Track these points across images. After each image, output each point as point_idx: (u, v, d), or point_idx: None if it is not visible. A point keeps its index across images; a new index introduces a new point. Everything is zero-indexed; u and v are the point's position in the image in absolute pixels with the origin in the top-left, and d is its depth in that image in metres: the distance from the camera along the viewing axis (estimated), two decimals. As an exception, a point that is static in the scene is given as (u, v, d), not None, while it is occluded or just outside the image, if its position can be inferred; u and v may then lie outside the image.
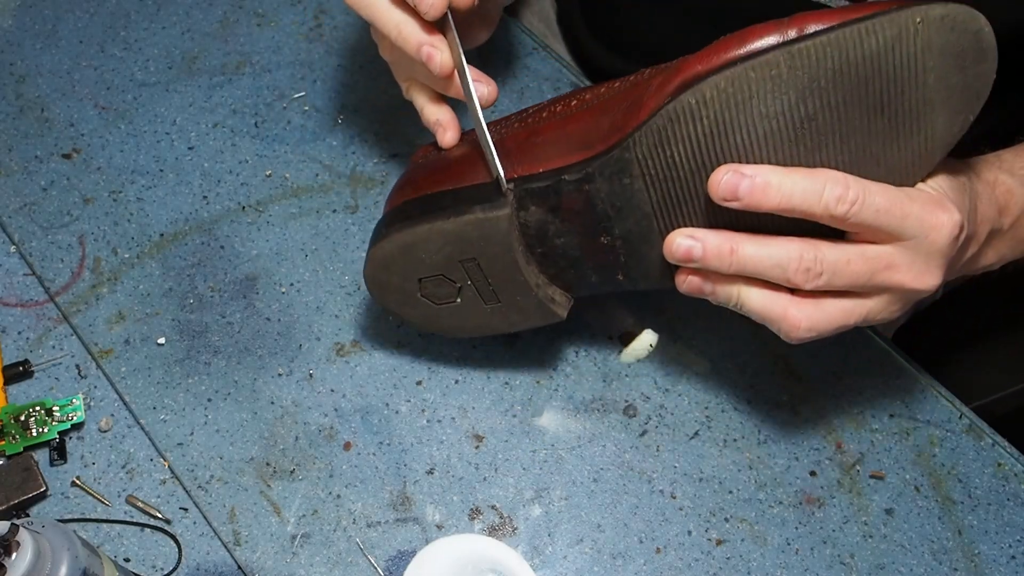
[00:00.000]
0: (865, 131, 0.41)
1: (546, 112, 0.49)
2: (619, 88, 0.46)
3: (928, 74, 0.39)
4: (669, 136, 0.42)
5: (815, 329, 0.43)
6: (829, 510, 0.53)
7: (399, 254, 0.49)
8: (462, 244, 0.48)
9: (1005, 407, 0.72)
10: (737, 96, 0.40)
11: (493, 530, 0.52)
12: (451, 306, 0.51)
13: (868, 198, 0.40)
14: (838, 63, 0.39)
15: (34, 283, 0.58)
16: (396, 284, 0.50)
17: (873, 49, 0.39)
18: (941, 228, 0.41)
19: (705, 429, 0.55)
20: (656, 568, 0.51)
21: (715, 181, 0.41)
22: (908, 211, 0.41)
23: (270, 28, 0.69)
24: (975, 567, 0.51)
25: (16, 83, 0.66)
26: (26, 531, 0.37)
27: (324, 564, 0.50)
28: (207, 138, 0.64)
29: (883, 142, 0.41)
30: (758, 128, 0.41)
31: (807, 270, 0.41)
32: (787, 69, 0.39)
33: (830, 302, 0.43)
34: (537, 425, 0.55)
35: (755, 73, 0.39)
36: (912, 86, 0.40)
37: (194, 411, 0.54)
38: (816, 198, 0.40)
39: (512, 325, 0.51)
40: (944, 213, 0.41)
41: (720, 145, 0.41)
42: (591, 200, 0.46)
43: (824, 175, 0.40)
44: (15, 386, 0.55)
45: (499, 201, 0.46)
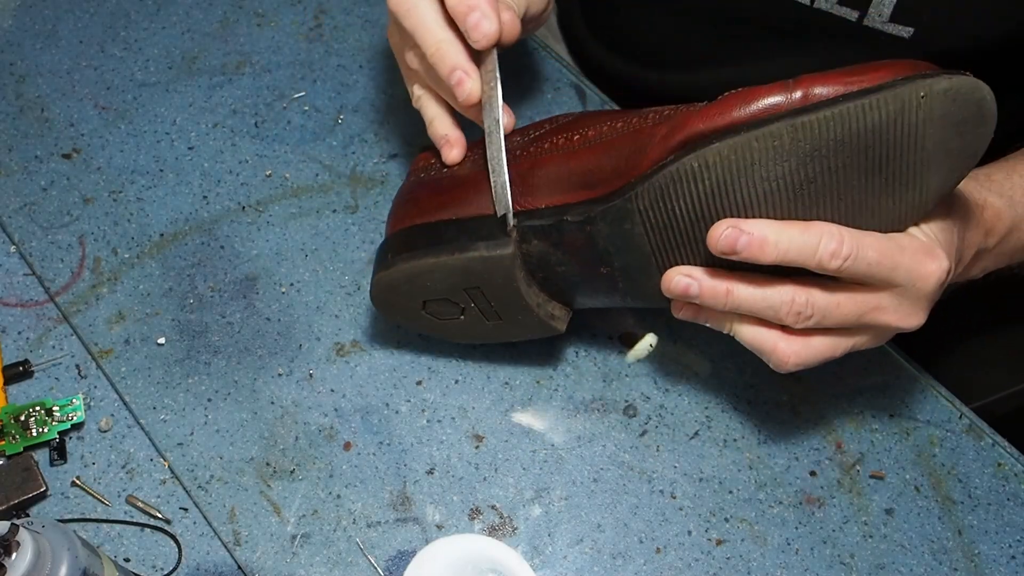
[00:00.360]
0: (862, 188, 0.42)
1: (548, 143, 0.49)
2: (622, 129, 0.47)
3: (927, 140, 0.40)
4: (671, 193, 0.43)
5: (803, 363, 0.45)
6: (829, 510, 0.53)
7: (404, 281, 0.50)
8: (466, 276, 0.49)
9: (1005, 407, 0.72)
10: (740, 163, 0.41)
11: (493, 530, 0.52)
12: (455, 322, 0.52)
13: (861, 252, 0.42)
14: (840, 135, 0.40)
15: (34, 283, 0.58)
16: (402, 304, 0.52)
17: (876, 122, 0.39)
18: (929, 277, 0.43)
19: (705, 429, 0.55)
20: (656, 568, 0.51)
21: (714, 236, 0.42)
22: (898, 262, 0.42)
23: (270, 28, 0.69)
24: (975, 567, 0.51)
25: (16, 83, 0.66)
26: (26, 531, 0.37)
27: (324, 564, 0.50)
28: (207, 138, 0.64)
29: (878, 197, 0.42)
30: (758, 189, 0.42)
31: (798, 313, 0.43)
32: (790, 140, 0.40)
33: (818, 339, 0.45)
34: (537, 425, 0.55)
35: (758, 143, 0.40)
36: (911, 151, 0.41)
37: (194, 411, 0.54)
38: (811, 253, 0.41)
39: (513, 337, 0.53)
40: (933, 262, 0.43)
41: (720, 203, 0.43)
42: (592, 239, 0.47)
43: (819, 230, 0.42)
44: (15, 386, 0.55)
45: (504, 240, 0.48)
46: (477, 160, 0.52)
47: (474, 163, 0.52)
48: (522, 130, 0.52)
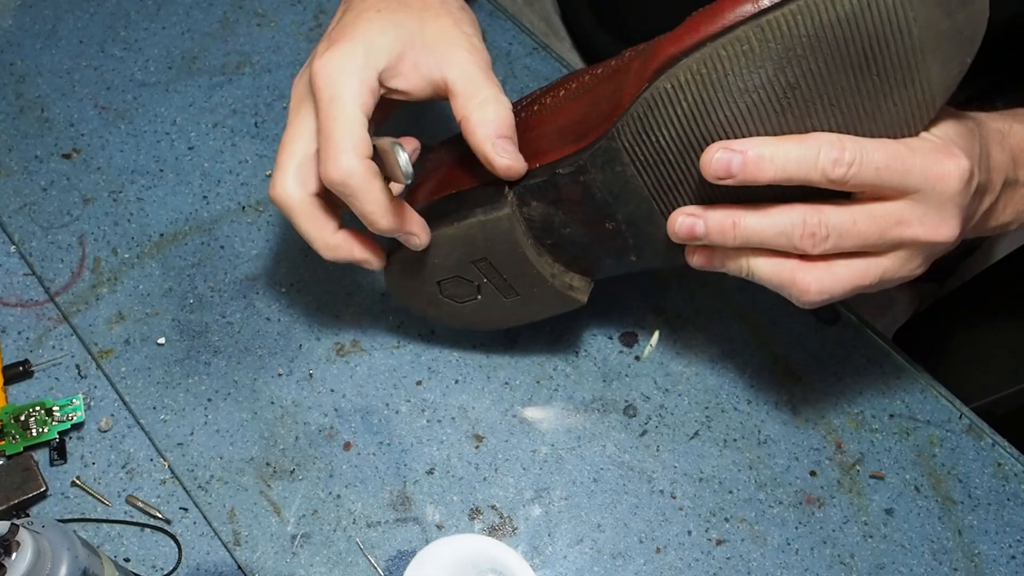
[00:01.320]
0: (854, 91, 0.39)
1: (537, 105, 0.49)
2: (603, 74, 0.46)
3: (912, 25, 0.37)
4: (651, 122, 0.42)
5: (826, 292, 0.42)
6: (829, 510, 0.53)
7: (413, 261, 0.49)
8: (469, 246, 0.48)
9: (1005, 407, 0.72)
10: (712, 76, 0.39)
11: (493, 530, 0.52)
12: (473, 303, 0.52)
13: (866, 157, 0.39)
14: (812, 29, 0.37)
15: (34, 283, 0.58)
16: (416, 288, 0.51)
17: (847, 9, 0.37)
18: (949, 176, 0.40)
19: (705, 429, 0.55)
20: (656, 568, 0.51)
21: (706, 160, 0.40)
22: (910, 164, 0.39)
23: (270, 28, 0.69)
24: (975, 567, 0.51)
25: (16, 83, 0.66)
26: (26, 531, 0.37)
27: (324, 564, 0.50)
28: (207, 138, 0.64)
29: (875, 98, 0.39)
30: (739, 104, 0.40)
31: (812, 235, 0.40)
32: (758, 43, 0.38)
33: (841, 264, 0.42)
34: (537, 425, 0.55)
35: (726, 51, 0.38)
36: (897, 40, 0.38)
37: (194, 411, 0.54)
38: (812, 164, 0.39)
39: (535, 315, 0.52)
40: (950, 160, 0.40)
41: (704, 125, 0.40)
42: (589, 190, 0.46)
43: (818, 140, 0.39)
44: (15, 386, 0.55)
45: (499, 202, 0.47)
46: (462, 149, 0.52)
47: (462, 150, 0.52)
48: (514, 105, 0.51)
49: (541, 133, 0.47)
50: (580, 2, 0.75)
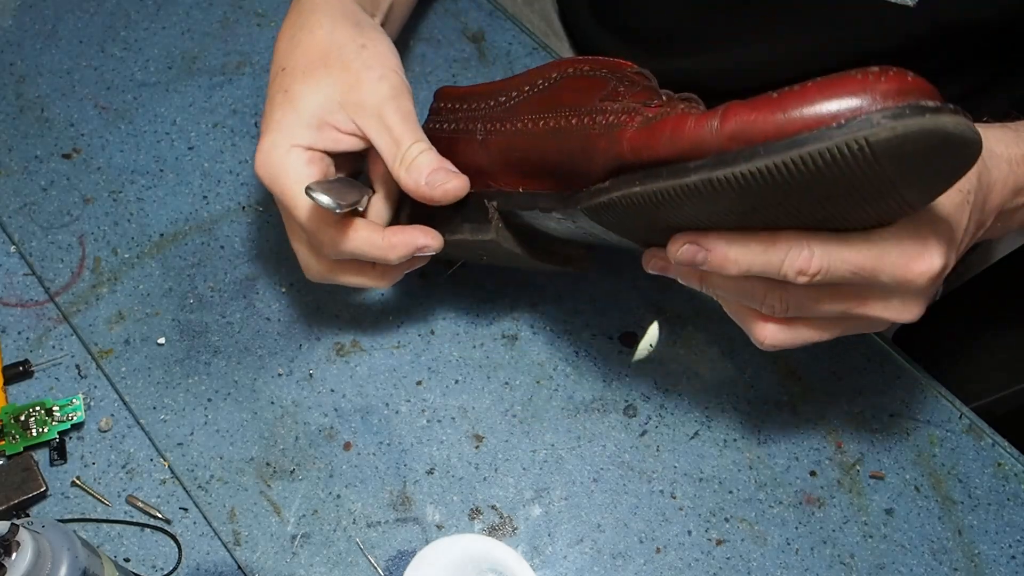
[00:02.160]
0: (822, 212, 0.36)
1: (520, 123, 0.47)
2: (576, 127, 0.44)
3: (886, 177, 0.34)
4: (613, 215, 0.41)
5: (780, 346, 0.43)
6: (829, 510, 0.53)
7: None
8: (465, 250, 0.50)
9: (1005, 407, 0.72)
10: (667, 205, 0.38)
11: (493, 530, 0.52)
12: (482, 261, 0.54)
13: (833, 266, 0.38)
14: (767, 189, 0.35)
15: (34, 283, 0.58)
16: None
17: (809, 175, 0.33)
18: (918, 278, 0.39)
19: (705, 429, 0.55)
20: (656, 568, 0.51)
21: (673, 250, 0.40)
22: (879, 270, 0.38)
23: (270, 28, 0.69)
24: (975, 567, 0.51)
25: (16, 83, 0.66)
26: (26, 531, 0.37)
27: (324, 564, 0.50)
28: (207, 138, 0.64)
29: (847, 213, 0.37)
30: (700, 219, 0.38)
31: (772, 306, 0.41)
32: (710, 193, 0.36)
33: (801, 326, 0.42)
34: (537, 425, 0.55)
35: (678, 193, 0.37)
36: (870, 187, 0.34)
37: (194, 411, 0.54)
38: (775, 270, 0.38)
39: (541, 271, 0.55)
40: (922, 263, 0.38)
41: (667, 218, 0.39)
42: (573, 222, 0.46)
43: (786, 244, 0.38)
44: (15, 386, 0.55)
45: (485, 224, 0.48)
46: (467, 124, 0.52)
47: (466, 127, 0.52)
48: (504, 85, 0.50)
49: (525, 157, 0.47)
50: (580, 2, 0.75)
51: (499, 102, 0.50)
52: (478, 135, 0.49)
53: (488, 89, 0.51)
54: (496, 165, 0.48)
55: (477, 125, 0.50)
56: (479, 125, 0.50)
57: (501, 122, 0.49)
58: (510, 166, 0.48)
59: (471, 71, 0.68)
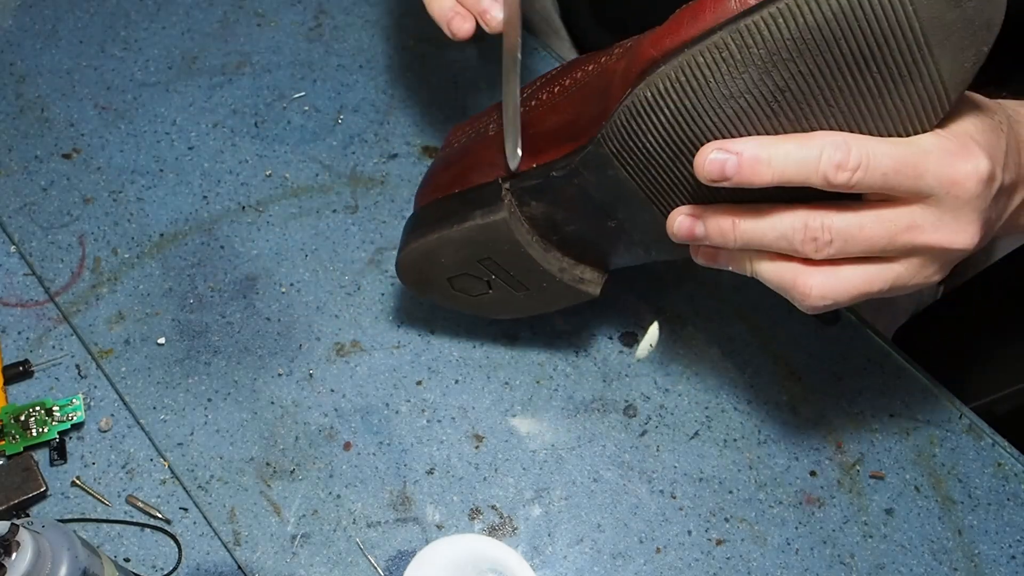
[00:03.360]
0: (852, 90, 0.36)
1: (535, 101, 0.48)
2: (593, 72, 0.45)
3: (912, 19, 0.33)
4: (636, 129, 0.40)
5: (829, 297, 0.39)
6: (829, 510, 0.53)
7: (421, 260, 0.50)
8: (473, 247, 0.49)
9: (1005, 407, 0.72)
10: (692, 83, 0.37)
11: (493, 530, 0.52)
12: (486, 296, 0.52)
13: (873, 161, 0.35)
14: (796, 32, 0.34)
15: (34, 283, 0.58)
16: (429, 282, 0.52)
17: (834, 9, 0.33)
18: (965, 179, 0.36)
19: (705, 429, 0.55)
20: (656, 568, 0.51)
21: (700, 162, 0.37)
22: (922, 168, 0.36)
23: (270, 28, 0.69)
24: (975, 567, 0.51)
25: (16, 83, 0.66)
26: (26, 531, 0.37)
27: (324, 564, 0.50)
28: (207, 138, 0.64)
29: (878, 97, 0.36)
30: (725, 109, 0.37)
31: (814, 239, 0.38)
32: (737, 48, 0.35)
33: (848, 269, 0.39)
34: (537, 425, 0.55)
35: (704, 58, 0.36)
36: (896, 35, 0.34)
37: (194, 411, 0.54)
38: (813, 168, 0.36)
39: (549, 306, 0.52)
40: (967, 162, 0.36)
41: (691, 130, 0.38)
42: (585, 191, 0.45)
43: (820, 140, 0.36)
44: (15, 386, 0.55)
45: (496, 205, 0.47)
46: (478, 130, 0.52)
47: (476, 133, 0.52)
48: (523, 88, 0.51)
49: (538, 131, 0.47)
50: (579, 1, 0.75)
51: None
52: (490, 132, 0.49)
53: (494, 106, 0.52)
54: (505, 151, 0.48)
55: (489, 125, 0.50)
56: (490, 125, 0.50)
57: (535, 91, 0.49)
58: (524, 148, 0.47)
59: (471, 71, 0.68)
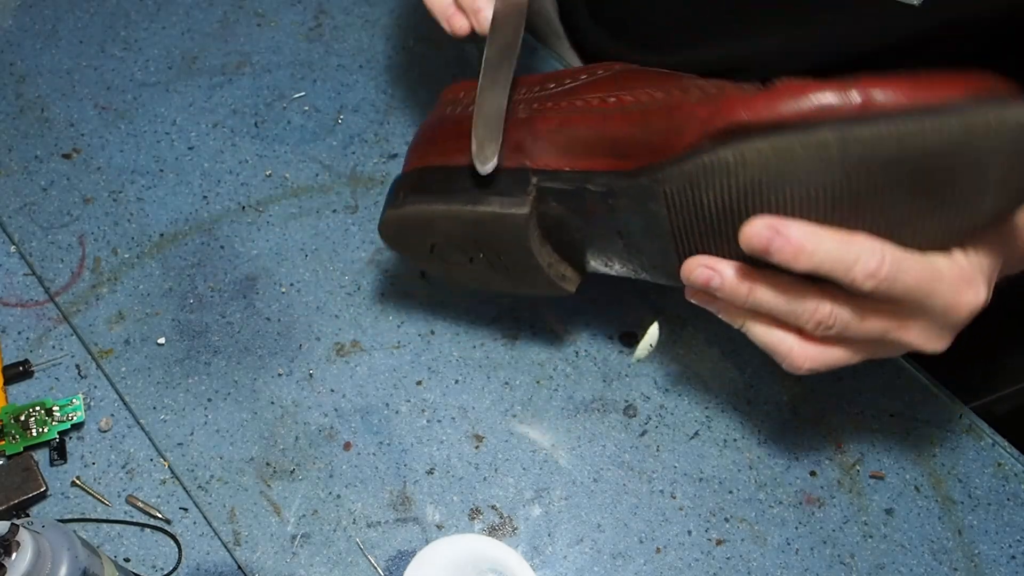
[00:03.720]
0: (908, 207, 0.38)
1: (580, 100, 0.47)
2: (661, 102, 0.44)
3: (989, 170, 0.37)
4: (701, 182, 0.40)
5: (816, 369, 0.43)
6: (829, 510, 0.53)
7: (415, 223, 0.48)
8: (478, 229, 0.47)
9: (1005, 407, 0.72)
10: (780, 166, 0.38)
11: (493, 530, 0.52)
12: (461, 268, 0.51)
13: (899, 276, 0.39)
14: (894, 153, 0.36)
15: (34, 283, 0.58)
16: (410, 243, 0.51)
17: (936, 146, 0.36)
18: (963, 308, 0.40)
19: (705, 429, 0.55)
20: (656, 568, 0.51)
21: (748, 232, 0.39)
22: (935, 291, 0.40)
23: (270, 28, 0.69)
24: (975, 567, 0.51)
25: (16, 83, 0.66)
26: (26, 531, 0.37)
27: (324, 564, 0.50)
28: (207, 138, 0.64)
29: (924, 217, 0.39)
30: (795, 193, 0.39)
31: (819, 323, 0.41)
32: (838, 151, 0.37)
33: (837, 348, 0.43)
34: (537, 425, 0.55)
35: (803, 150, 0.37)
36: (969, 179, 0.37)
37: (194, 411, 0.54)
38: (846, 269, 0.39)
39: (518, 291, 0.52)
40: (971, 293, 0.40)
41: (753, 201, 0.39)
42: (613, 211, 0.45)
43: (860, 245, 0.39)
44: (15, 386, 0.55)
45: (520, 199, 0.46)
46: None
47: None
48: (553, 76, 0.49)
49: (580, 135, 0.45)
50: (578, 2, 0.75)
51: (546, 88, 0.48)
52: (519, 114, 0.47)
53: (525, 79, 0.49)
54: (539, 143, 0.46)
55: (519, 107, 0.48)
56: (520, 106, 0.48)
57: (555, 103, 0.47)
58: (556, 146, 0.46)
59: (471, 72, 0.68)
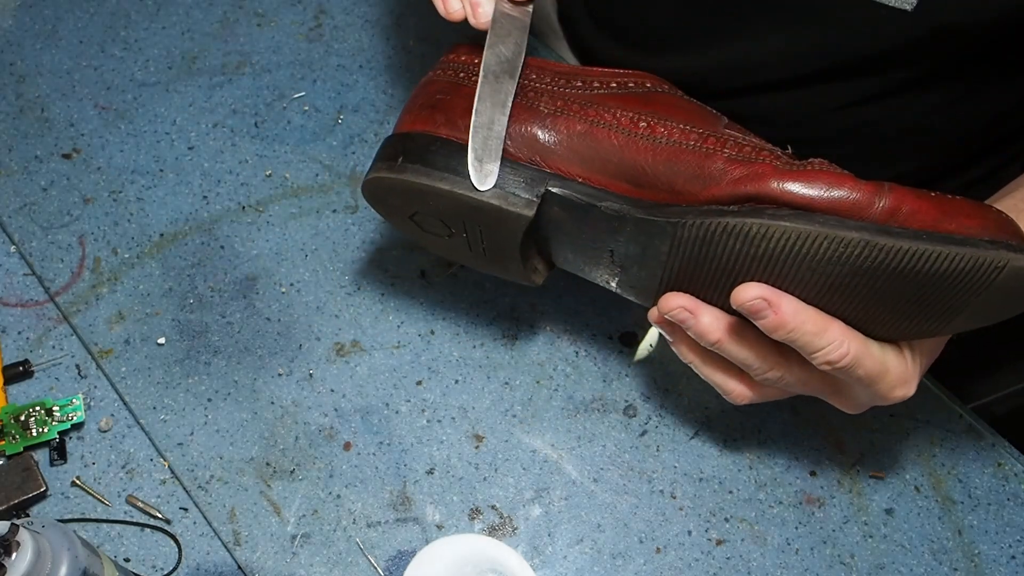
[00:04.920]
0: (891, 308, 0.41)
1: (610, 115, 0.46)
2: (694, 146, 0.44)
3: (978, 299, 0.40)
4: (718, 240, 0.41)
5: (752, 403, 0.48)
6: (829, 510, 0.53)
7: (408, 191, 0.47)
8: (475, 215, 0.46)
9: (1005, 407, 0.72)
10: (800, 249, 0.40)
11: (493, 530, 0.52)
12: (436, 238, 0.50)
13: (854, 369, 0.42)
14: (905, 268, 0.39)
15: (34, 283, 0.58)
16: (392, 204, 0.49)
17: (943, 271, 0.39)
18: (892, 400, 0.45)
19: (705, 429, 0.55)
20: (656, 568, 0.51)
21: (743, 296, 0.41)
22: (878, 382, 0.44)
23: (270, 28, 0.69)
24: (975, 567, 0.51)
25: (16, 83, 0.66)
26: (26, 531, 0.37)
27: (324, 564, 0.50)
28: (207, 138, 0.64)
29: (900, 320, 0.42)
30: (798, 274, 0.41)
31: (767, 379, 0.45)
32: (857, 255, 0.39)
33: (773, 391, 0.47)
34: (537, 425, 0.55)
35: (826, 243, 0.39)
36: (957, 302, 0.40)
37: (194, 411, 0.54)
38: (811, 352, 0.42)
39: (486, 271, 0.52)
40: (904, 389, 0.45)
41: (759, 269, 0.41)
42: (614, 233, 0.45)
43: (831, 335, 0.42)
44: (15, 386, 0.55)
45: (528, 200, 0.45)
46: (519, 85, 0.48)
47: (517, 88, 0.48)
48: (579, 72, 0.48)
49: (602, 150, 0.45)
50: (578, 5, 0.75)
51: (573, 84, 0.47)
52: (541, 107, 0.46)
53: (551, 66, 0.48)
54: (559, 146, 0.45)
55: (541, 98, 0.47)
56: (544, 99, 0.47)
57: (581, 106, 0.46)
58: (576, 153, 0.45)
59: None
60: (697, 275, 0.44)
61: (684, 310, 0.44)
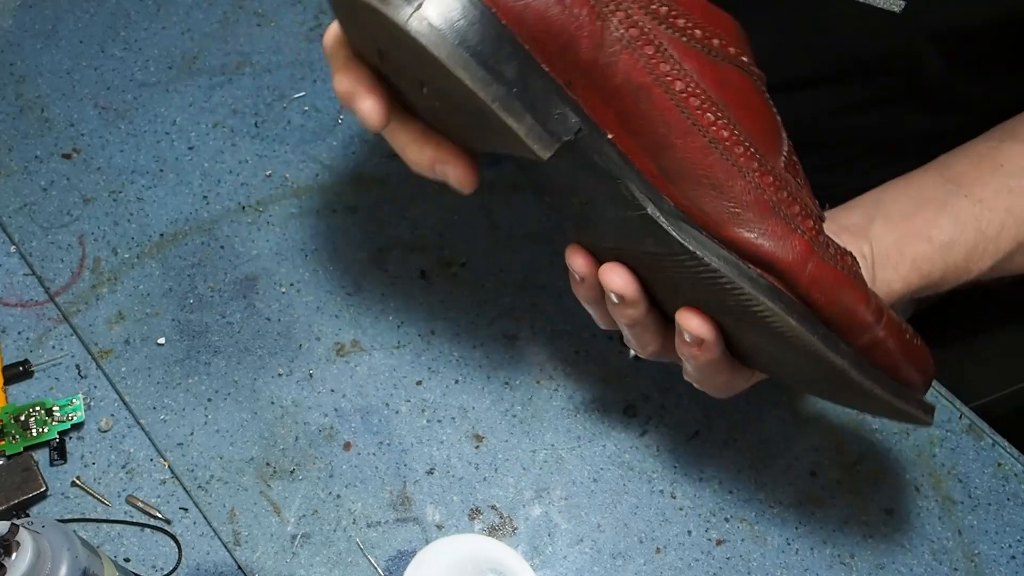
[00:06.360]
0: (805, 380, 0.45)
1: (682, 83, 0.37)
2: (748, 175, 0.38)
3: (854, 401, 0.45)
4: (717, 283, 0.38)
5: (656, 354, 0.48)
6: (829, 510, 0.53)
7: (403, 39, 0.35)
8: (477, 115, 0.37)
9: (1005, 407, 0.72)
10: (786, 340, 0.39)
11: (493, 530, 0.52)
12: (417, 99, 0.40)
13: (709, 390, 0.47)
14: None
15: (34, 283, 0.58)
16: (350, 29, 0.40)
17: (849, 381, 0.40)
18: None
19: (705, 429, 0.55)
20: (656, 568, 0.51)
21: (688, 323, 0.41)
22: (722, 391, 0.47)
23: (270, 28, 0.69)
24: (975, 567, 0.51)
25: (16, 83, 0.66)
26: (26, 531, 0.37)
27: (324, 564, 0.50)
28: (207, 138, 0.64)
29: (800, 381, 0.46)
30: (758, 348, 0.42)
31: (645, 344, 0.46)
32: (818, 371, 0.40)
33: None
34: (537, 425, 0.55)
35: (809, 354, 0.39)
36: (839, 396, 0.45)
37: (194, 411, 0.54)
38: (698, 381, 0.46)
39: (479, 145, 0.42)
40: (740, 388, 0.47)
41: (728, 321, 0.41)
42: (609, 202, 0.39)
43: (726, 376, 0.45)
44: (15, 386, 0.55)
45: (549, 141, 0.37)
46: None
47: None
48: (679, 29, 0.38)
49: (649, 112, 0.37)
50: None
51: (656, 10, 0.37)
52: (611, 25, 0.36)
53: None
54: (605, 89, 0.37)
55: (619, 9, 0.36)
56: (620, 13, 0.36)
57: (657, 50, 0.37)
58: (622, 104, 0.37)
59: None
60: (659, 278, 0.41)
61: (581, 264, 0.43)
